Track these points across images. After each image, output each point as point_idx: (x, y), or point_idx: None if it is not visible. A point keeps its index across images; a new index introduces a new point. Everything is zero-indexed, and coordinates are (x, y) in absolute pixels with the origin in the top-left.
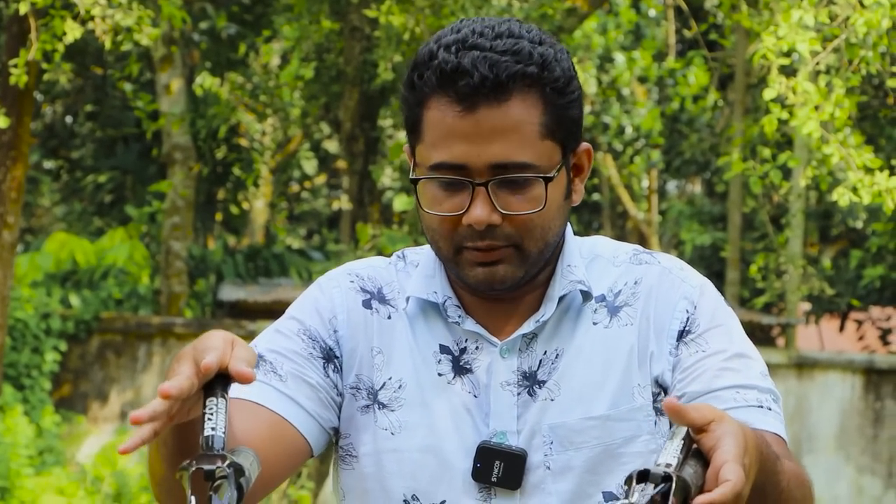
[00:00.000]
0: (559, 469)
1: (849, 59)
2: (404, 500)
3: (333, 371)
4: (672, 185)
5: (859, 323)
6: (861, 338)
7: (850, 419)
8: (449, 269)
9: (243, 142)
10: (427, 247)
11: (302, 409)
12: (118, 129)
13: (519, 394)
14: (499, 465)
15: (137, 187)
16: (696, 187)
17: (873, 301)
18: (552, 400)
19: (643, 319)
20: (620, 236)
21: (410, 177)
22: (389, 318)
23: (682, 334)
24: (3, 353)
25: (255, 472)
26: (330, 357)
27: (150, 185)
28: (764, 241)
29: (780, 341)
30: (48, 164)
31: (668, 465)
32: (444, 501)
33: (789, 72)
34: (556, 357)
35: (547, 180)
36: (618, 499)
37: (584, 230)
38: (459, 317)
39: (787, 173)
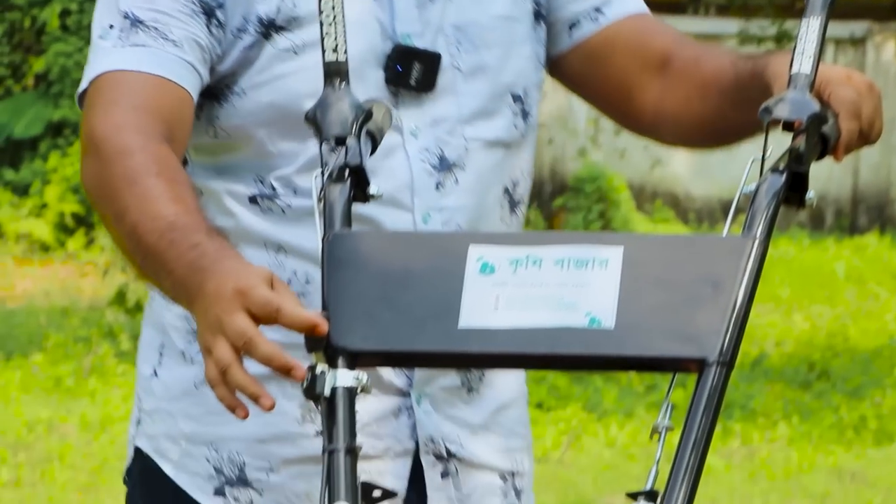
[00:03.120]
0: (471, 69)
1: None
2: None
3: (216, 27)
4: None
5: None
6: None
7: None
8: None
9: None
10: None
11: (199, 78)
12: None
13: None
14: (418, 68)
15: None
16: None
17: None
18: (451, 0)
19: None
20: None
21: None
22: None
23: None
24: None
25: (388, 125)
26: (211, 10)
27: None
28: None
29: None
30: None
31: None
32: None
33: None
34: None
35: None
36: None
37: None
38: None
39: None
